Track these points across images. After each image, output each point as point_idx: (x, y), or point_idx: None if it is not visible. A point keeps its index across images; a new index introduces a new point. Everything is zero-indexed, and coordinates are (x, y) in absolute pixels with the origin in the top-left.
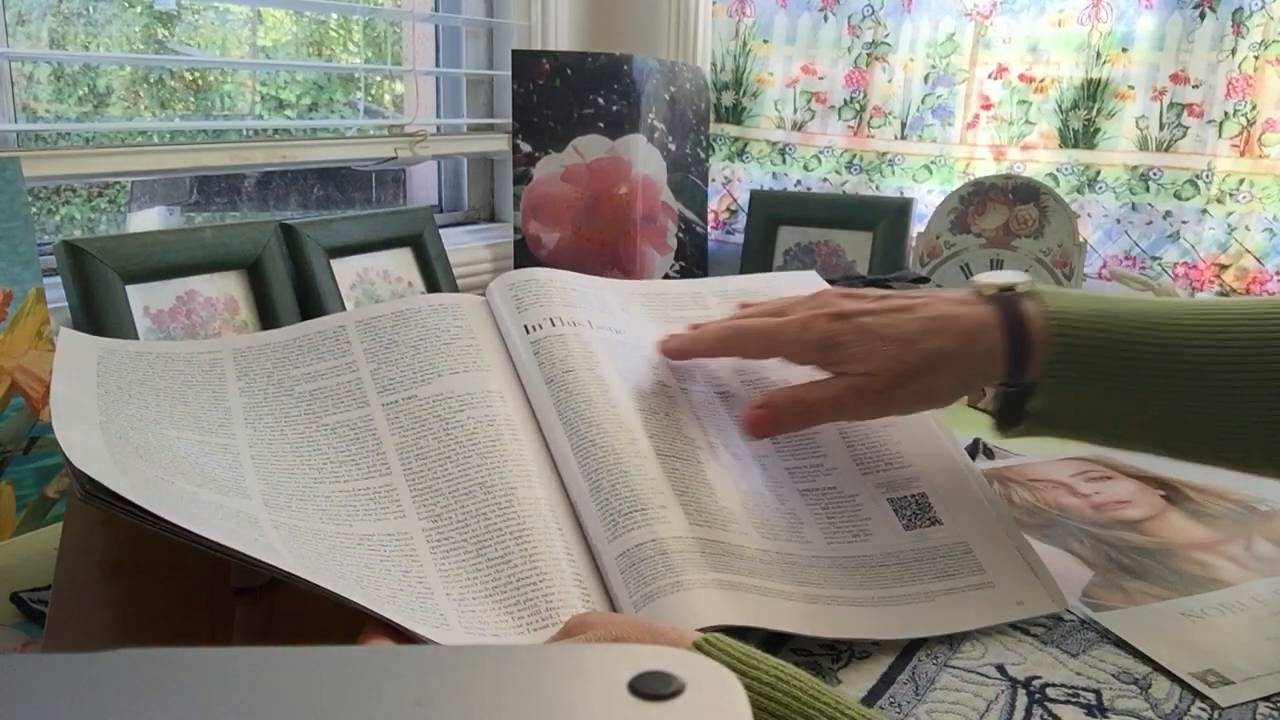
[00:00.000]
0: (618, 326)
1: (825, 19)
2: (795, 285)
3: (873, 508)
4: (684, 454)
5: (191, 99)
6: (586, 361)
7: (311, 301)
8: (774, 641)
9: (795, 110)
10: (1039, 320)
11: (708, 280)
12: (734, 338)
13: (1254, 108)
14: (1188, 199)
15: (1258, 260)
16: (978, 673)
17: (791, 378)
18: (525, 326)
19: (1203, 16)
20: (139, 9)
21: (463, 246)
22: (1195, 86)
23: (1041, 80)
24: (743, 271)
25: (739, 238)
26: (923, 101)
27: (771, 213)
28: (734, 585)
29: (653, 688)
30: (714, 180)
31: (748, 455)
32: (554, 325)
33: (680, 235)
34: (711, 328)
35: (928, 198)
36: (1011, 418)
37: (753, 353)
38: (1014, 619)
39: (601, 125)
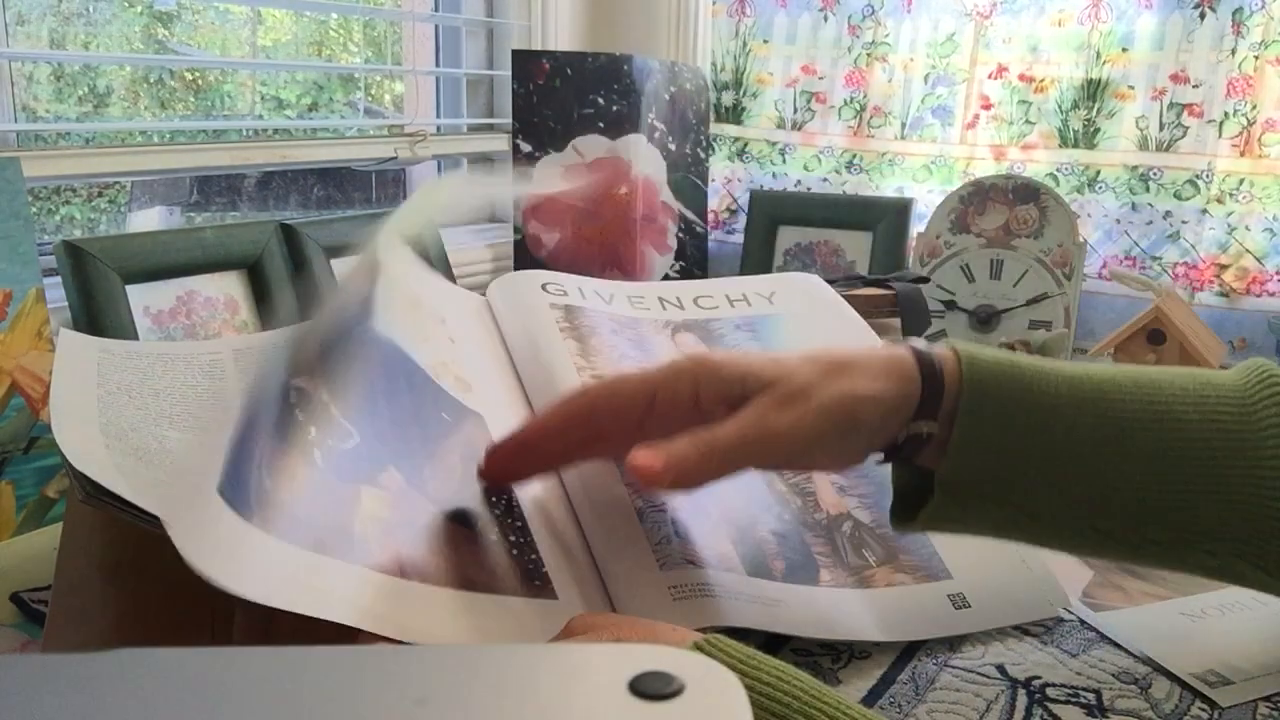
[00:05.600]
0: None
1: (825, 19)
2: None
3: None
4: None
5: (191, 99)
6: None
7: (311, 301)
8: (774, 641)
9: (795, 110)
10: (949, 355)
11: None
12: (588, 404)
13: (1254, 108)
14: (1188, 199)
15: (1258, 260)
16: (978, 673)
17: None
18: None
19: (1203, 16)
20: (139, 9)
21: (463, 246)
22: (1195, 86)
23: (1041, 80)
24: (742, 271)
25: (739, 238)
26: (923, 101)
27: (771, 213)
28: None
29: (653, 688)
30: (714, 180)
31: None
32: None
33: (680, 235)
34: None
35: (928, 198)
36: (914, 499)
37: (628, 405)
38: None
39: (601, 125)
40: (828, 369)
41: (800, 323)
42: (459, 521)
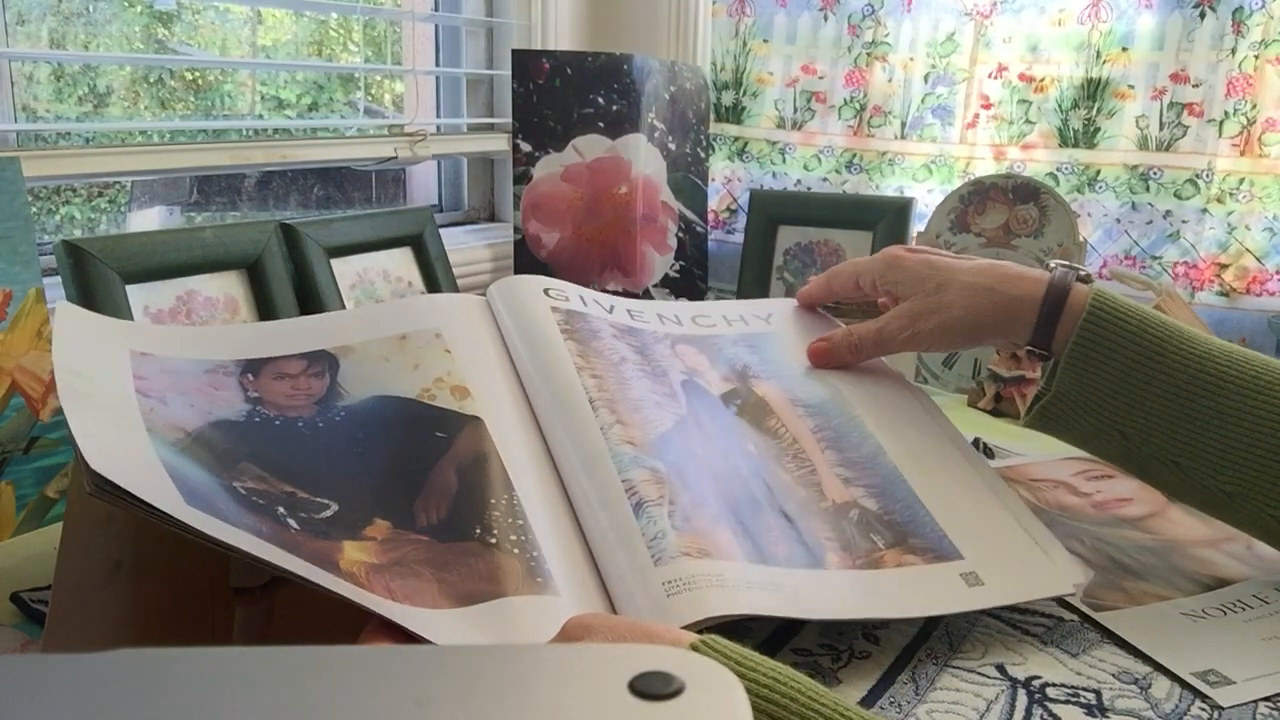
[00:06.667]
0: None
1: (825, 19)
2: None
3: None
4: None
5: (191, 99)
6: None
7: (311, 301)
8: (774, 641)
9: (795, 110)
10: (1082, 293)
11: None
12: (830, 277)
13: (1254, 107)
14: (1188, 198)
15: (1258, 260)
16: (978, 673)
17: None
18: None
19: (1203, 16)
20: (139, 9)
21: (463, 246)
22: (1195, 86)
23: (1041, 80)
24: (742, 270)
25: (739, 237)
26: (923, 101)
27: (771, 212)
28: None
29: (653, 688)
30: (714, 180)
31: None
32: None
33: (680, 235)
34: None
35: (928, 197)
36: (1035, 399)
37: (843, 286)
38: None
39: (601, 125)
40: (969, 297)
41: (796, 340)
42: (456, 537)
